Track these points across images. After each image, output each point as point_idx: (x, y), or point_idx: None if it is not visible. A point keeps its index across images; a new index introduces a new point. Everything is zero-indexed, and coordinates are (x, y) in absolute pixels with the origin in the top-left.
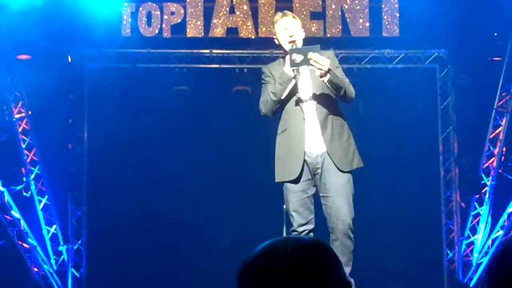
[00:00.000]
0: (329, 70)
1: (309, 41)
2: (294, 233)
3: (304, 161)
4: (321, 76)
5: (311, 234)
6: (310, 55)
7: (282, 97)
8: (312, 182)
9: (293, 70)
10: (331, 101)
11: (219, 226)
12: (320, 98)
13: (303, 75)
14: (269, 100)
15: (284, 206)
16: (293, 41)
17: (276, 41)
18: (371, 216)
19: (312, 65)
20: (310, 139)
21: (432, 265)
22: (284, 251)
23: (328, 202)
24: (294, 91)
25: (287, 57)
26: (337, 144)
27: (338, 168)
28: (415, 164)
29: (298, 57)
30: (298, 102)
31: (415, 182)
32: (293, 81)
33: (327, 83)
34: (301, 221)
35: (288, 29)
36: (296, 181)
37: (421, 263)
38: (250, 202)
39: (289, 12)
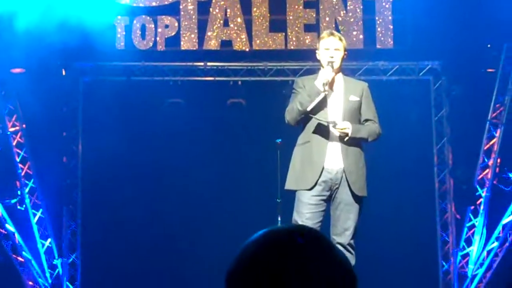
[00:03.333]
0: (348, 135)
1: (303, 54)
2: None
3: (323, 175)
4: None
5: None
6: (331, 129)
7: (308, 109)
8: (326, 199)
9: (323, 84)
10: None
11: (215, 238)
12: (348, 120)
13: (336, 94)
14: (295, 108)
15: (293, 216)
16: (332, 62)
17: (317, 55)
18: (365, 227)
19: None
20: (330, 155)
21: (428, 277)
22: (284, 234)
23: (336, 215)
24: (323, 106)
25: (320, 73)
26: (354, 167)
27: (351, 189)
28: (410, 175)
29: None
30: (325, 117)
31: (410, 193)
32: (321, 95)
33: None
34: None
35: (330, 49)
36: (309, 192)
37: (417, 275)
38: (245, 214)
39: (336, 33)
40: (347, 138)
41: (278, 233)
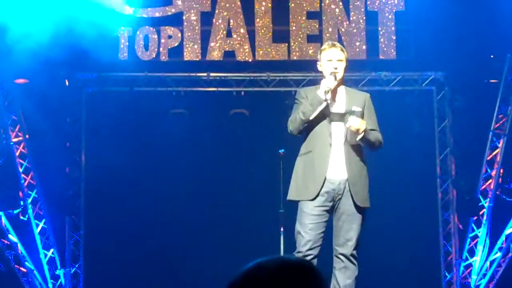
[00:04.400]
0: (364, 131)
1: (306, 64)
2: (299, 254)
3: (325, 186)
4: (356, 133)
5: (315, 260)
6: (350, 121)
7: (311, 118)
8: (329, 209)
9: (325, 92)
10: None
11: (218, 248)
12: (350, 131)
13: (339, 104)
14: (297, 118)
15: (296, 227)
16: (335, 73)
17: (318, 67)
18: (368, 237)
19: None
20: (333, 165)
21: (430, 287)
22: (268, 270)
23: (339, 226)
24: (326, 115)
25: (322, 83)
26: (357, 178)
27: (353, 200)
28: (413, 186)
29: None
30: (328, 127)
31: (413, 204)
32: (323, 104)
33: (360, 140)
34: (310, 245)
35: (333, 60)
36: (312, 203)
37: (419, 285)
38: (248, 224)
39: (338, 44)
40: (360, 136)
41: (284, 265)
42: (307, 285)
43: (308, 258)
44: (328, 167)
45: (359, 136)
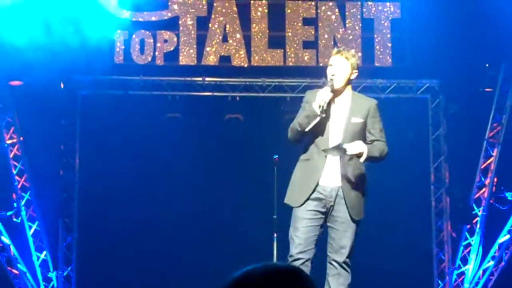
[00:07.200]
0: (363, 153)
1: (302, 70)
2: (291, 258)
3: (317, 192)
4: (358, 156)
5: (307, 263)
6: (347, 148)
7: (306, 130)
8: (322, 215)
9: (320, 107)
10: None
11: (212, 253)
12: (349, 141)
13: (340, 114)
14: (294, 128)
15: (290, 231)
16: (332, 80)
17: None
18: (361, 245)
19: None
20: (327, 172)
21: None
22: (259, 276)
23: (333, 233)
24: (323, 127)
25: (317, 95)
26: (352, 190)
27: (348, 208)
28: (406, 194)
29: (337, 152)
30: (327, 135)
31: (406, 211)
32: (318, 118)
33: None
34: (300, 248)
35: (334, 66)
36: (305, 207)
37: None
38: (241, 229)
39: (343, 51)
40: (363, 158)
41: (272, 271)
42: None
43: (300, 261)
44: (322, 173)
45: (362, 158)
